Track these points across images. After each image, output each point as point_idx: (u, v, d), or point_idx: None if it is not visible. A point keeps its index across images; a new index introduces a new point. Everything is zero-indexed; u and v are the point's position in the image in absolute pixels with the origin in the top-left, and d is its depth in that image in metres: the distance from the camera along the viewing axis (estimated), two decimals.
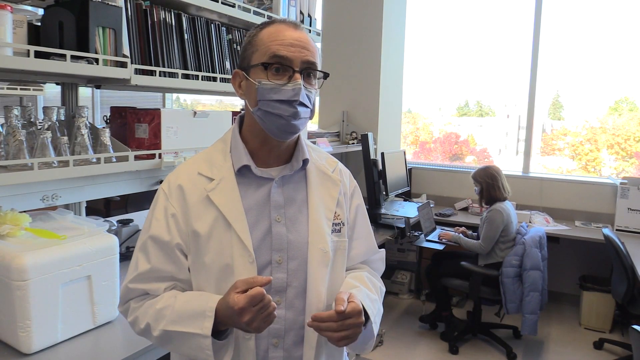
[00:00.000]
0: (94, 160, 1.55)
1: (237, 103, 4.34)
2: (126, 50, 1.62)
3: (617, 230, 3.77)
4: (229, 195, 1.03)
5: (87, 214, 2.07)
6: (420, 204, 3.72)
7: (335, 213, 1.11)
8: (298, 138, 1.11)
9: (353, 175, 1.25)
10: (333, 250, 1.08)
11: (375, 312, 1.09)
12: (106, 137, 1.62)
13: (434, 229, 3.73)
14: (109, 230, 1.73)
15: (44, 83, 2.09)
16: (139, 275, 1.04)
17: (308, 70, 1.02)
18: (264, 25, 1.05)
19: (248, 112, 1.07)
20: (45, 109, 1.56)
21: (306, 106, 1.02)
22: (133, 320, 1.05)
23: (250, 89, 1.03)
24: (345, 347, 1.17)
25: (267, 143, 1.06)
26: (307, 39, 1.03)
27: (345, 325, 0.95)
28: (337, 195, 1.12)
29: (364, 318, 0.99)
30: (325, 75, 1.07)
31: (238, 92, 1.08)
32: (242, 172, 1.06)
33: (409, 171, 4.52)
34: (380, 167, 3.77)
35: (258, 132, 1.05)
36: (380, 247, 1.25)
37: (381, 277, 1.26)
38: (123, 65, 1.59)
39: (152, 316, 1.01)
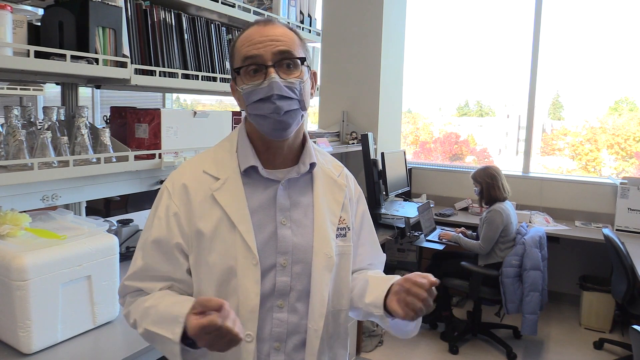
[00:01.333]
0: (94, 160, 1.55)
1: (237, 103, 4.33)
2: (126, 50, 1.62)
3: (617, 230, 3.77)
4: (235, 196, 1.02)
5: (87, 214, 2.07)
6: (420, 204, 3.72)
7: (340, 218, 1.10)
8: (305, 141, 1.10)
9: (353, 175, 1.26)
10: (338, 255, 1.08)
11: None
12: (106, 137, 1.62)
13: (434, 229, 3.73)
14: (109, 230, 1.73)
15: (44, 83, 2.10)
16: (134, 273, 1.05)
17: (283, 60, 0.99)
18: (240, 33, 1.06)
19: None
20: (45, 109, 1.56)
21: (289, 98, 0.98)
22: (126, 314, 1.07)
23: (240, 97, 1.04)
24: (347, 354, 1.17)
25: (270, 145, 1.05)
26: (278, 30, 1.00)
27: (427, 298, 0.94)
28: (342, 199, 1.12)
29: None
30: (302, 60, 1.02)
31: (239, 104, 1.08)
32: (248, 173, 1.05)
33: (409, 171, 4.52)
34: (380, 167, 3.77)
35: (259, 135, 1.05)
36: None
37: None
38: (123, 65, 1.59)
39: (140, 313, 1.01)
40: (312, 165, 1.09)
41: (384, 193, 3.77)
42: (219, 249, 1.00)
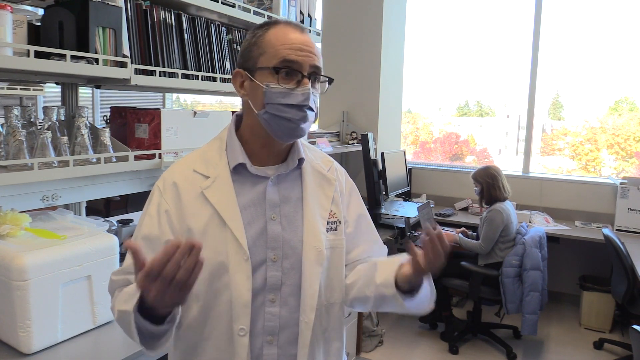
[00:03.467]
0: (94, 160, 1.55)
1: (237, 103, 4.34)
2: (126, 50, 1.62)
3: (617, 230, 3.77)
4: (224, 193, 1.03)
5: (87, 214, 2.07)
6: (420, 204, 3.72)
7: (330, 212, 1.11)
8: None
9: (353, 175, 1.26)
10: (329, 249, 1.08)
11: None
12: (106, 137, 1.62)
13: (434, 229, 3.72)
14: (109, 230, 1.73)
15: (44, 83, 2.09)
16: (122, 268, 1.06)
17: (315, 74, 1.03)
18: (269, 26, 1.05)
19: (249, 112, 1.06)
20: (45, 109, 1.56)
21: (312, 110, 1.03)
22: (112, 307, 1.05)
23: (255, 91, 1.03)
24: (343, 347, 1.17)
25: (268, 144, 1.06)
26: (312, 42, 1.05)
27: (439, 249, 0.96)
28: (332, 194, 1.13)
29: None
30: (330, 80, 1.08)
31: (240, 92, 1.07)
32: (238, 170, 1.06)
33: (409, 171, 4.52)
34: (380, 167, 3.77)
35: (260, 133, 1.05)
36: None
37: None
38: (123, 65, 1.59)
39: (118, 300, 1.01)
40: (301, 160, 1.10)
41: (384, 193, 3.78)
42: (210, 245, 1.01)
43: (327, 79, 1.07)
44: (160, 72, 1.76)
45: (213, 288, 1.01)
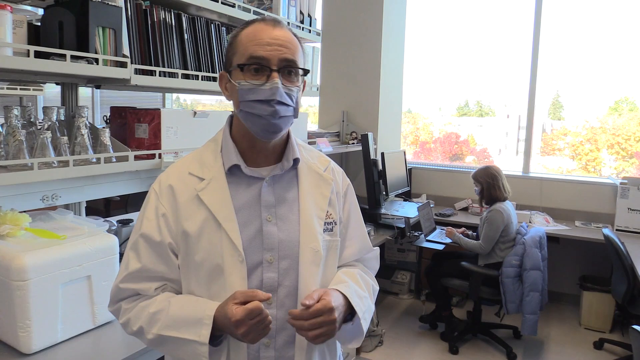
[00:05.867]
0: (94, 160, 1.55)
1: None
2: (126, 50, 1.62)
3: (617, 230, 3.77)
4: (219, 195, 1.03)
5: (87, 214, 2.07)
6: (420, 204, 3.72)
7: (327, 212, 1.11)
8: (288, 137, 1.10)
9: (353, 175, 1.25)
10: (325, 250, 1.08)
11: (365, 309, 1.08)
12: (106, 137, 1.62)
13: (434, 229, 3.73)
14: (109, 230, 1.73)
15: (44, 83, 2.10)
16: (129, 274, 1.05)
17: (287, 68, 1.01)
18: (244, 26, 1.05)
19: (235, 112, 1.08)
20: (45, 109, 1.56)
21: (287, 105, 1.01)
22: (125, 321, 1.06)
23: (233, 91, 1.04)
24: (339, 348, 1.18)
25: (255, 143, 1.06)
26: (286, 36, 1.02)
27: (317, 323, 0.96)
28: (329, 194, 1.12)
29: (336, 315, 0.99)
30: (305, 72, 1.05)
31: (225, 94, 1.09)
32: (233, 172, 1.06)
33: (409, 171, 4.52)
34: (380, 167, 3.77)
35: (245, 132, 1.06)
36: (380, 247, 1.25)
37: (381, 277, 1.25)
38: (123, 65, 1.59)
39: (146, 320, 1.01)
40: (296, 160, 1.09)
41: (384, 193, 3.77)
42: (206, 247, 1.01)
43: (302, 71, 1.04)
44: (160, 72, 1.76)
45: (210, 290, 1.01)
